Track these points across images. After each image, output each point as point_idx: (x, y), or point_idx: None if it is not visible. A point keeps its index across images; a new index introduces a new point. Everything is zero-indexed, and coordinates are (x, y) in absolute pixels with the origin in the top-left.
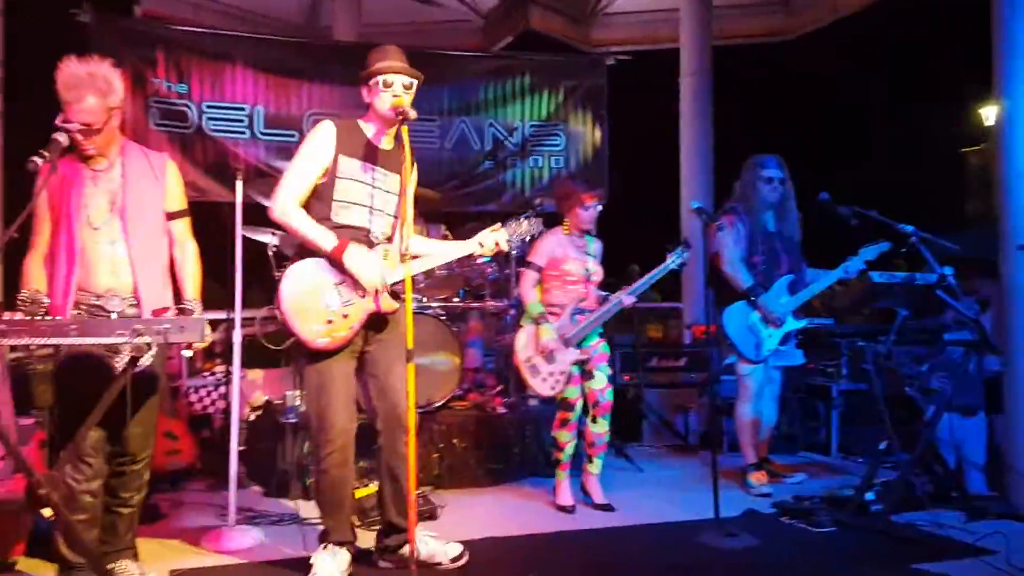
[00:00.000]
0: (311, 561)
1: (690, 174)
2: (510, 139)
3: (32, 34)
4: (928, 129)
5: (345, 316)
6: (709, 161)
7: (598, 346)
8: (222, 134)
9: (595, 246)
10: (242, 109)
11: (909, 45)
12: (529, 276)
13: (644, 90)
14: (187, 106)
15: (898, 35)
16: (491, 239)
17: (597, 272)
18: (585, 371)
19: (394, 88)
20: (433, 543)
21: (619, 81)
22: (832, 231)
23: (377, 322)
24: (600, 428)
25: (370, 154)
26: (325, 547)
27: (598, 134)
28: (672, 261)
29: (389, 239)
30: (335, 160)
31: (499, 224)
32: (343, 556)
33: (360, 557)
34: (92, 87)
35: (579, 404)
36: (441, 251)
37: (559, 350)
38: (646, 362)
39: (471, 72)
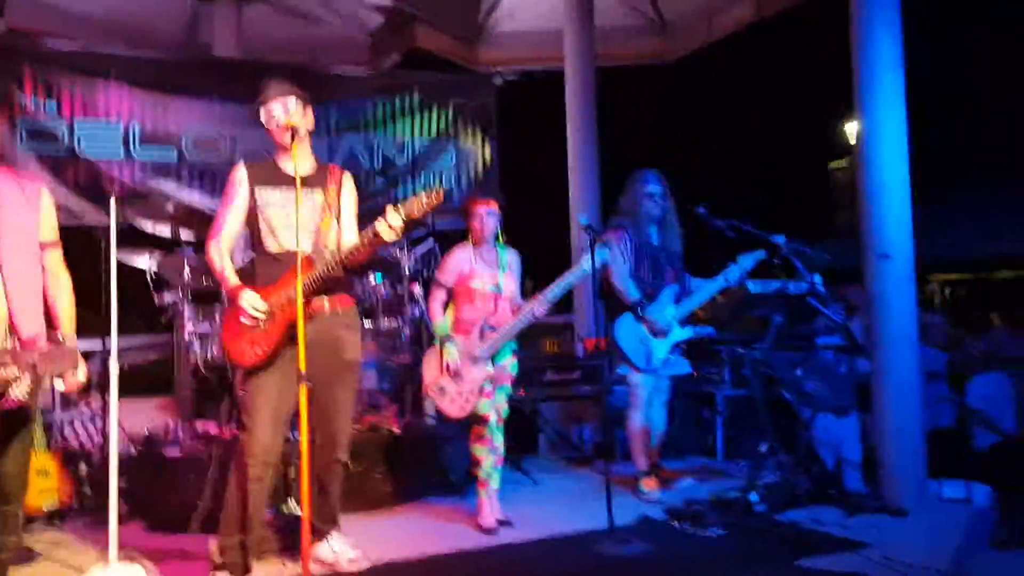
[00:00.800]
0: None
1: (578, 191)
2: (400, 156)
3: None
4: (799, 146)
5: (266, 332)
6: (596, 178)
7: (508, 365)
8: (96, 154)
9: (508, 258)
10: (116, 127)
11: (780, 66)
12: (435, 295)
13: (533, 109)
14: (58, 124)
15: (770, 56)
16: (383, 223)
17: (509, 285)
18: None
19: (275, 113)
20: (340, 546)
21: (509, 99)
22: (711, 242)
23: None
24: (497, 441)
25: (285, 180)
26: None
27: (488, 151)
28: (586, 262)
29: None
30: (252, 194)
31: (389, 206)
32: None
33: None
34: None
35: (493, 418)
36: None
37: (465, 368)
38: (541, 375)
39: (359, 90)
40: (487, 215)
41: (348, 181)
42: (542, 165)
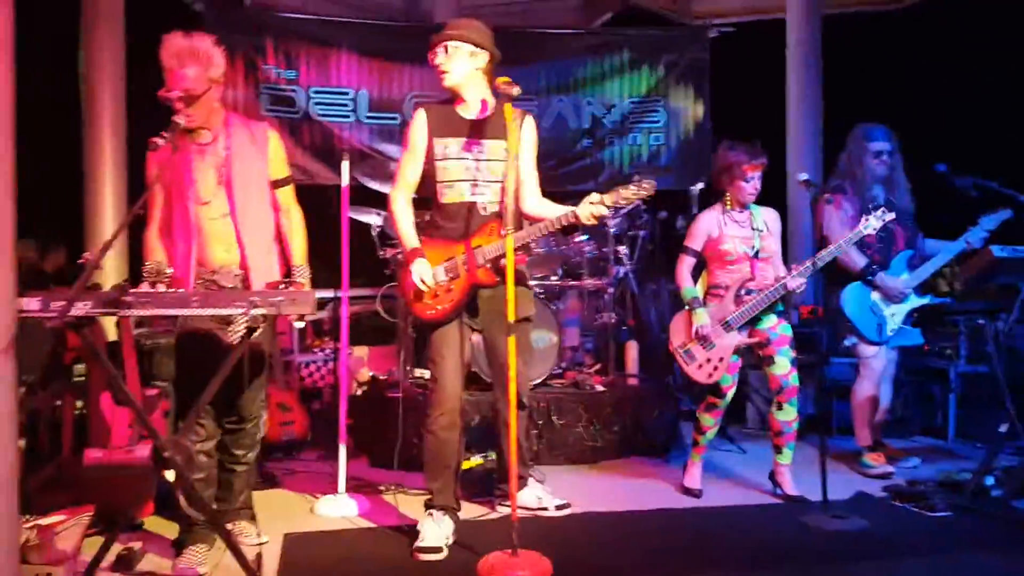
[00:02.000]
0: (418, 528)
1: (797, 149)
2: (608, 116)
3: (150, 24)
4: None
5: (448, 290)
6: (818, 136)
7: (777, 327)
8: (328, 118)
9: (763, 218)
10: (346, 93)
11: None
12: (684, 261)
13: (749, 63)
14: (295, 91)
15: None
16: (587, 210)
17: (767, 248)
18: (764, 356)
19: (436, 61)
20: (542, 493)
21: (723, 54)
22: (948, 203)
23: (483, 294)
24: (787, 415)
25: (467, 129)
26: (430, 514)
27: (700, 110)
28: (868, 225)
29: (499, 212)
30: (430, 144)
31: (596, 194)
32: (447, 523)
33: (463, 528)
34: (193, 57)
35: (731, 392)
36: (543, 215)
37: (716, 335)
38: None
39: (568, 50)
40: (756, 177)
41: (530, 125)
42: (757, 121)
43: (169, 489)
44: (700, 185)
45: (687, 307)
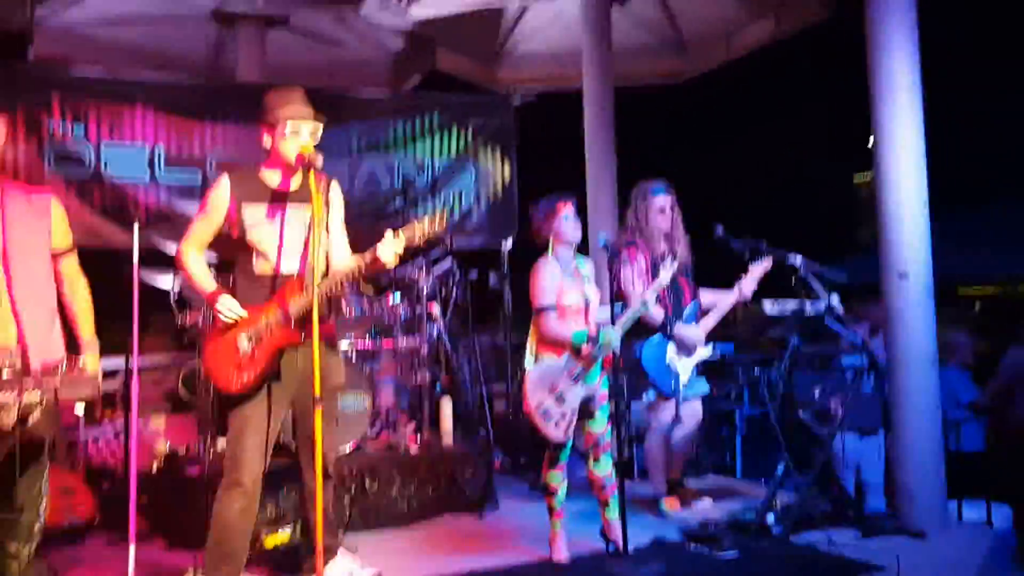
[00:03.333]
0: None
1: (596, 210)
2: (420, 176)
3: None
4: (820, 161)
5: (252, 357)
6: (613, 198)
7: (599, 383)
8: (122, 177)
9: (588, 266)
10: (142, 150)
11: (799, 82)
12: (550, 316)
13: (552, 128)
14: (85, 148)
15: (788, 73)
16: (386, 247)
17: (595, 296)
18: (585, 411)
19: (301, 136)
20: (353, 566)
21: (528, 120)
22: (717, 251)
23: (293, 359)
24: (605, 468)
25: (275, 197)
26: None
27: (507, 171)
28: (661, 279)
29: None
30: (238, 211)
31: (391, 232)
32: None
33: None
34: None
35: (569, 443)
36: (341, 269)
37: (568, 388)
38: None
39: (379, 112)
40: (570, 216)
41: (336, 191)
42: (561, 184)
43: None
44: (509, 242)
45: (574, 351)
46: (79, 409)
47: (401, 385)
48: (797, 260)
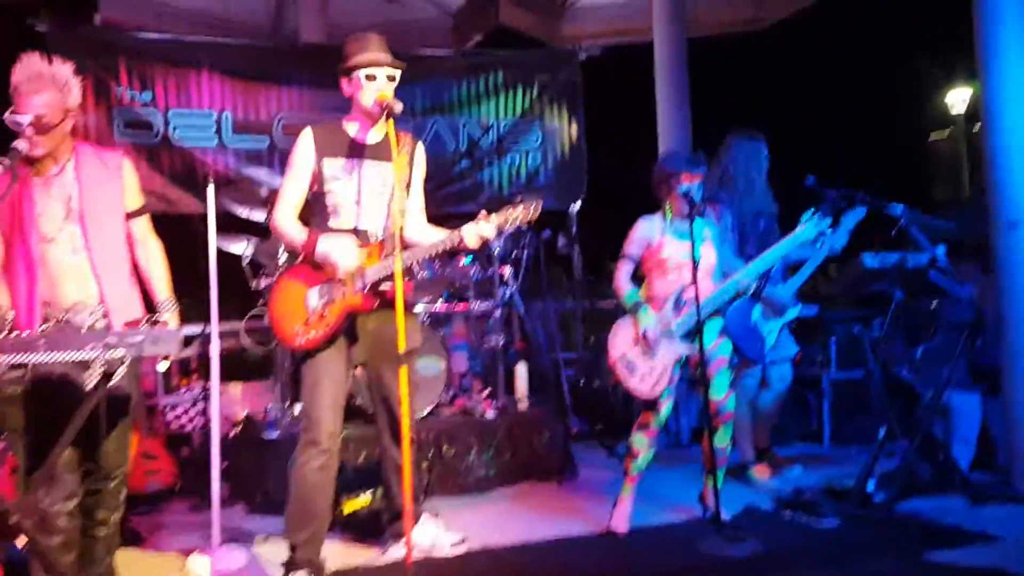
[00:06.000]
0: None
1: None
2: (485, 137)
3: None
4: (895, 116)
5: (322, 316)
6: (687, 150)
7: (717, 347)
8: (190, 142)
9: (705, 230)
10: (209, 115)
11: (876, 34)
12: (622, 268)
13: (620, 84)
14: (152, 114)
15: (864, 23)
16: (473, 231)
17: (706, 256)
18: (701, 375)
19: (377, 82)
20: (436, 531)
21: (595, 75)
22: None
23: (365, 322)
24: (722, 441)
25: (355, 150)
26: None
27: (575, 129)
28: (805, 230)
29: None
30: (319, 166)
31: (484, 212)
32: None
33: None
34: (52, 83)
35: (666, 408)
36: (426, 242)
37: (660, 342)
38: None
39: (443, 71)
40: (694, 187)
41: (420, 152)
42: (630, 139)
43: (22, 557)
44: (578, 204)
45: (629, 312)
46: (161, 366)
47: (474, 350)
48: (898, 210)
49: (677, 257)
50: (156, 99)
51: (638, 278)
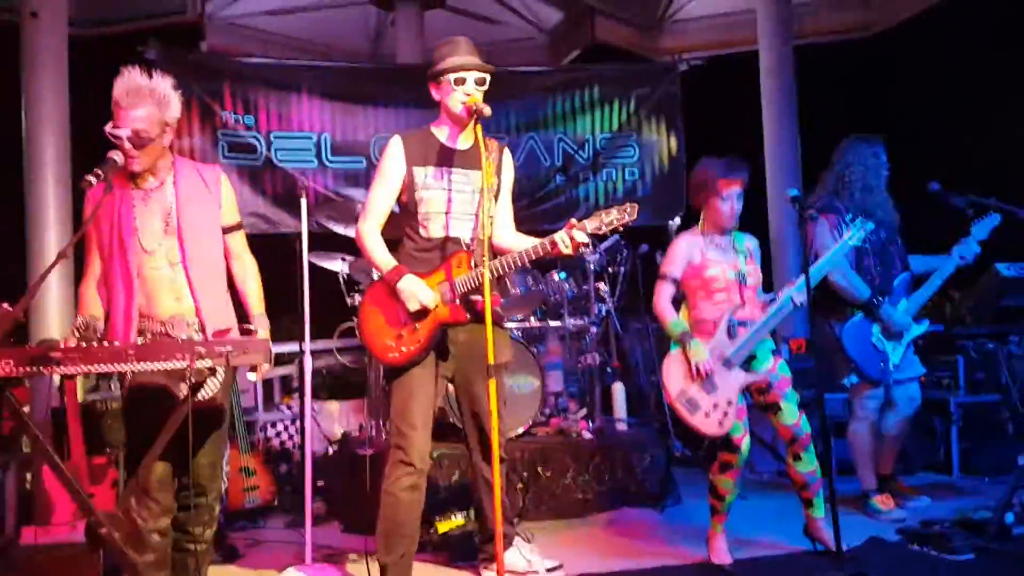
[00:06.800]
0: None
1: (777, 177)
2: (581, 153)
3: (99, 72)
4: (1018, 121)
5: (414, 330)
6: (796, 161)
7: (776, 368)
8: (290, 164)
9: (747, 243)
10: (309, 138)
11: (996, 40)
12: (663, 290)
13: (721, 95)
14: (255, 138)
15: (982, 27)
16: (566, 236)
17: (753, 273)
18: (768, 403)
19: (466, 86)
20: (531, 554)
21: (694, 87)
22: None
23: (455, 335)
24: (807, 466)
25: (444, 157)
26: None
27: (673, 143)
28: (852, 236)
29: (469, 244)
30: (410, 173)
31: (574, 220)
32: None
33: None
34: (150, 96)
35: (745, 443)
36: (517, 248)
37: (719, 373)
38: None
39: (537, 87)
40: (733, 197)
41: (508, 159)
42: (736, 151)
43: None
44: (678, 220)
45: (677, 344)
46: (251, 376)
47: (569, 369)
48: None
49: (726, 275)
50: (259, 123)
51: (677, 301)
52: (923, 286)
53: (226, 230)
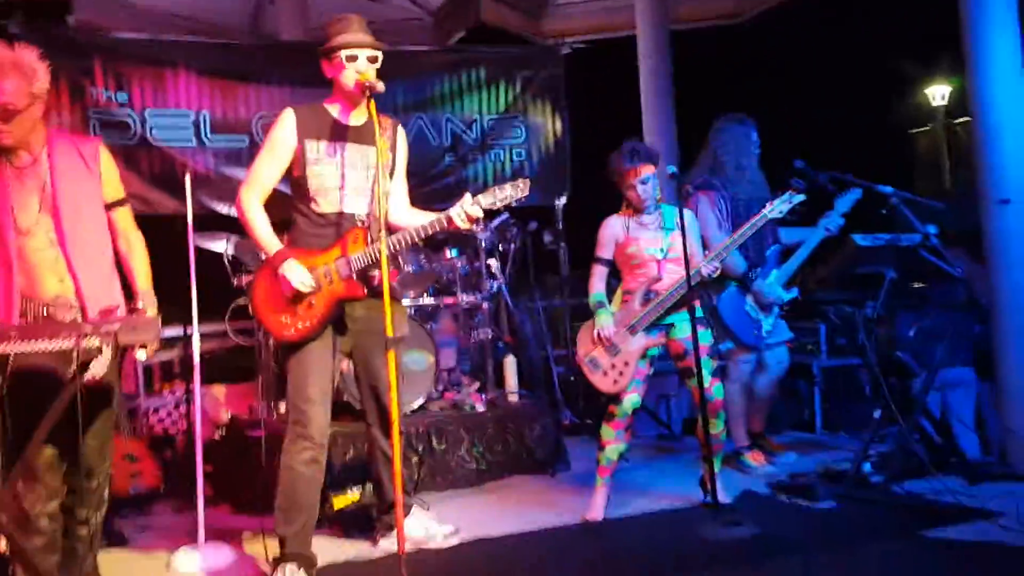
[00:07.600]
0: None
1: None
2: (468, 133)
3: None
4: (876, 112)
5: (310, 306)
6: (673, 143)
7: (695, 336)
8: (167, 143)
9: (677, 219)
10: (187, 115)
11: (856, 29)
12: (596, 271)
13: (604, 78)
14: (129, 115)
15: (845, 19)
16: (462, 211)
17: (677, 248)
18: (683, 368)
19: (358, 63)
20: (428, 522)
21: (578, 70)
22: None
23: (352, 311)
24: (715, 429)
25: (337, 133)
26: (281, 570)
27: (559, 125)
28: (772, 208)
29: (365, 220)
30: (301, 147)
31: (470, 195)
32: None
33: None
34: (14, 69)
35: (628, 399)
36: (413, 225)
37: (621, 339)
38: None
39: (425, 67)
40: (639, 184)
41: (402, 136)
42: (615, 134)
43: (3, 558)
44: (563, 199)
45: (592, 311)
46: (140, 355)
47: (462, 344)
48: (888, 189)
49: (643, 252)
50: (132, 99)
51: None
52: (792, 257)
53: (109, 206)
